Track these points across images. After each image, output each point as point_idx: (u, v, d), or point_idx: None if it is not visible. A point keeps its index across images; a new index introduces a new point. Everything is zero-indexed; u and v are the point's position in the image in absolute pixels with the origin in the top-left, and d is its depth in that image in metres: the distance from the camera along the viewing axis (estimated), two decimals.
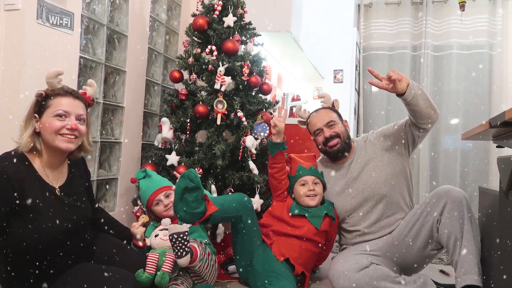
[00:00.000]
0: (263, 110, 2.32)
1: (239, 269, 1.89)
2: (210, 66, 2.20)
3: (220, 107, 2.16)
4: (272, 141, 1.91)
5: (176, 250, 1.49)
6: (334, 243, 2.06)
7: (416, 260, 1.81)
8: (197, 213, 1.58)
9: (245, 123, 2.17)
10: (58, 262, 1.34)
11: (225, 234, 2.16)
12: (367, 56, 5.19)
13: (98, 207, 1.68)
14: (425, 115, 1.77)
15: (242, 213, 1.75)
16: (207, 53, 2.24)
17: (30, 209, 1.26)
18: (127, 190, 2.31)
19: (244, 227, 1.78)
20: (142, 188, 1.82)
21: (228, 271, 2.09)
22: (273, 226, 1.89)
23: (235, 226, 1.80)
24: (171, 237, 1.49)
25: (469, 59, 4.85)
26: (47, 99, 1.35)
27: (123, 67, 2.25)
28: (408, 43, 5.05)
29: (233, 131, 2.26)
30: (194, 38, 2.32)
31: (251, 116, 2.27)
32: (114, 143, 2.26)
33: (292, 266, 1.81)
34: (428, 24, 4.97)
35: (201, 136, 2.40)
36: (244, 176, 2.11)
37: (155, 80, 2.58)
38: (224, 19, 2.25)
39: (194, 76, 2.25)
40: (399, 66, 5.08)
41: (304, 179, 1.92)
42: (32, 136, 1.33)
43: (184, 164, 2.10)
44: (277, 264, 1.78)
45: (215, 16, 2.26)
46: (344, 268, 1.72)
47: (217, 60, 2.19)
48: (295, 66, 4.22)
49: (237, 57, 2.25)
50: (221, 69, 2.15)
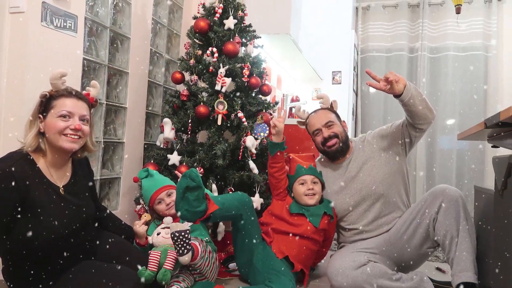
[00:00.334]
0: (263, 111, 2.31)
1: (240, 266, 1.88)
2: (211, 68, 2.19)
3: (221, 107, 2.15)
4: (272, 141, 1.90)
5: (178, 248, 1.48)
6: (332, 241, 2.05)
7: (412, 258, 1.80)
8: (198, 211, 1.57)
9: (245, 123, 2.16)
10: (62, 260, 1.33)
11: (225, 232, 2.15)
12: (365, 58, 5.18)
13: (102, 206, 1.67)
14: (421, 115, 1.76)
15: (242, 212, 1.74)
16: (208, 55, 2.23)
17: (35, 208, 1.25)
18: (130, 189, 2.30)
19: (244, 225, 1.77)
20: (144, 187, 1.82)
21: (228, 268, 2.08)
22: (272, 225, 1.88)
23: (236, 224, 1.79)
24: (172, 235, 1.48)
25: (465, 60, 4.84)
26: (51, 100, 1.35)
27: (125, 68, 2.24)
28: (405, 45, 5.04)
29: (233, 131, 2.25)
30: (195, 40, 2.31)
31: (251, 116, 2.25)
32: (117, 143, 2.25)
33: (292, 263, 1.80)
34: (425, 27, 4.96)
35: (202, 136, 2.39)
36: (244, 176, 2.10)
37: (157, 82, 2.57)
38: (225, 21, 2.24)
39: (195, 77, 2.24)
40: (396, 67, 5.06)
41: (303, 178, 1.90)
42: (37, 136, 1.32)
43: (186, 163, 2.09)
44: (276, 262, 1.77)
45: (216, 18, 2.25)
46: (342, 266, 1.71)
47: (218, 62, 2.18)
48: (294, 68, 4.21)
49: (237, 59, 2.23)
50: (221, 70, 2.14)
